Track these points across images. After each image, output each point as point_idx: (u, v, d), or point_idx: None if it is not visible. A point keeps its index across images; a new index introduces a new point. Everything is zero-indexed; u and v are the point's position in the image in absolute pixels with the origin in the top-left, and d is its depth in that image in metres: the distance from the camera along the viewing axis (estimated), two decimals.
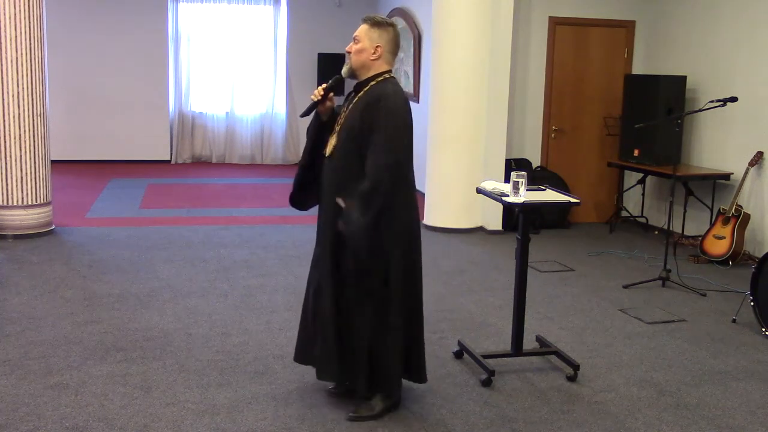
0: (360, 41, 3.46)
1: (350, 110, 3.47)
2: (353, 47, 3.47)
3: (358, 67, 3.48)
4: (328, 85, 3.52)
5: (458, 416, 3.66)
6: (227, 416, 3.57)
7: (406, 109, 3.41)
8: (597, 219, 8.40)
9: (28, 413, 3.53)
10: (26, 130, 6.66)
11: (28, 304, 5.07)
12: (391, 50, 3.49)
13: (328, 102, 3.56)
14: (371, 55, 3.45)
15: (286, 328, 4.77)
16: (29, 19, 6.58)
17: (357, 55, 3.46)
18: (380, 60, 3.46)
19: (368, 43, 3.44)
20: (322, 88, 3.51)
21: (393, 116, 3.34)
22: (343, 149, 3.44)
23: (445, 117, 7.60)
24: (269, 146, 12.10)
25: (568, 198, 4.26)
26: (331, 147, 3.50)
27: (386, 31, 3.47)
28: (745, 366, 4.44)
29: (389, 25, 3.49)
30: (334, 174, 3.47)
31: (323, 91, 3.51)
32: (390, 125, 3.33)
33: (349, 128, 3.43)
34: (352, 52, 3.48)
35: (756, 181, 6.85)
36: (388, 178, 3.31)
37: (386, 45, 3.46)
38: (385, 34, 3.46)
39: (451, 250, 6.95)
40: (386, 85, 3.43)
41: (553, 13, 8.10)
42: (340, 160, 3.45)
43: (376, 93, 3.39)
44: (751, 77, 6.93)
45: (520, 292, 4.17)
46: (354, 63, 3.49)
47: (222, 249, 6.67)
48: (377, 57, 3.45)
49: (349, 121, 3.45)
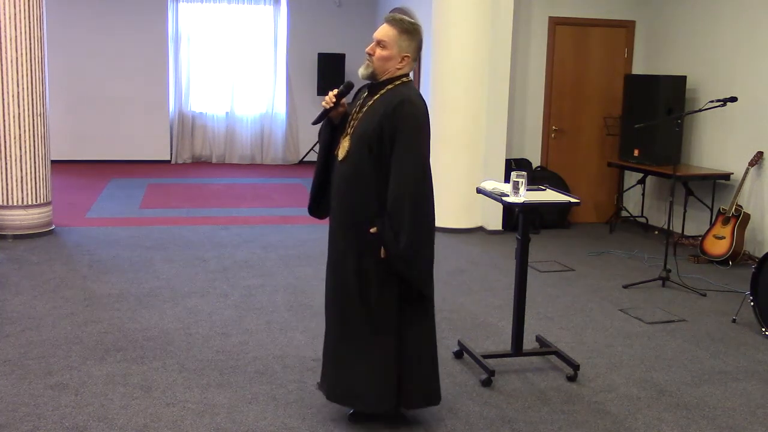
0: (387, 48, 3.28)
1: (366, 114, 3.33)
2: (378, 52, 3.30)
3: (380, 72, 3.32)
4: (339, 91, 3.39)
5: (458, 416, 3.66)
6: (227, 416, 3.57)
7: (426, 114, 3.31)
8: (597, 219, 8.40)
9: (28, 413, 3.53)
10: (26, 130, 6.66)
11: (28, 304, 5.07)
12: (416, 57, 3.37)
13: (340, 108, 3.43)
14: (398, 64, 3.30)
15: (286, 328, 4.77)
16: (29, 19, 6.58)
17: (382, 61, 3.29)
18: (404, 68, 3.34)
19: (396, 51, 3.28)
20: (333, 94, 3.37)
21: (416, 122, 3.24)
22: (357, 154, 3.30)
23: (445, 117, 7.60)
24: (269, 146, 12.10)
25: (568, 198, 4.26)
26: (344, 151, 3.35)
27: (415, 39, 3.31)
28: (745, 366, 4.44)
29: (418, 32, 3.33)
30: (346, 178, 3.34)
31: (335, 98, 3.37)
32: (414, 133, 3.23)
33: (363, 133, 3.29)
34: (376, 57, 3.30)
35: (756, 181, 6.85)
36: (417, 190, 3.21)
37: (414, 53, 3.32)
38: (414, 42, 3.31)
39: (451, 250, 6.94)
40: (403, 90, 3.29)
41: (553, 13, 8.10)
42: (352, 164, 3.32)
43: (396, 98, 3.25)
44: (751, 77, 6.93)
45: (520, 292, 4.17)
46: (377, 68, 3.31)
47: (222, 249, 6.67)
48: (403, 66, 3.33)
49: (364, 125, 3.30)
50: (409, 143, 3.22)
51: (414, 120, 3.24)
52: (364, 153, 3.28)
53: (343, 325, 3.39)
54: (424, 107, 3.32)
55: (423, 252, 3.25)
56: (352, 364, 3.39)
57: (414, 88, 3.39)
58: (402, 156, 3.21)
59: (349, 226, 3.35)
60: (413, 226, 3.19)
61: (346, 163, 3.35)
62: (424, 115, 3.29)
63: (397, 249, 3.20)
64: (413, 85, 3.41)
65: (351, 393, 3.43)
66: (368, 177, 3.28)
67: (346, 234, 3.36)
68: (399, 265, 3.25)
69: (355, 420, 3.54)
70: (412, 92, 3.32)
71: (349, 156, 3.33)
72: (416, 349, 3.40)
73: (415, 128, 3.24)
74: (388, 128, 3.22)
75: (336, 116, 3.47)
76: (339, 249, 3.40)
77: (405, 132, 3.21)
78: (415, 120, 3.24)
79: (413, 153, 3.23)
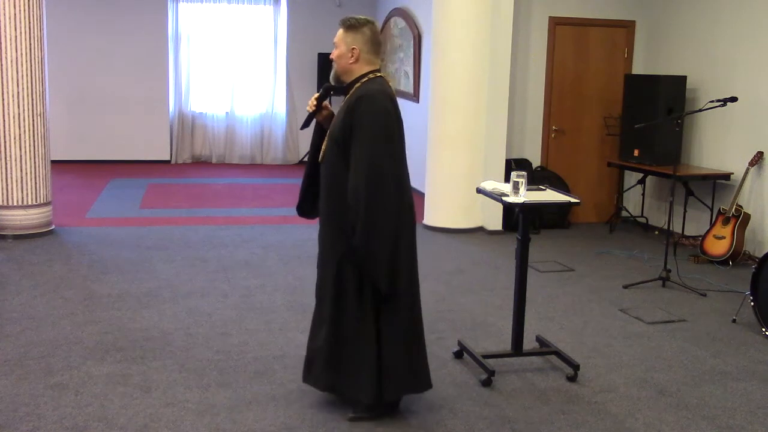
0: (338, 46, 3.44)
1: (337, 114, 3.47)
2: (334, 53, 3.46)
3: (341, 72, 3.47)
4: (320, 95, 3.54)
5: (458, 416, 3.66)
6: (227, 416, 3.57)
7: (387, 108, 3.33)
8: (597, 219, 8.40)
9: (28, 413, 3.53)
10: (26, 130, 6.66)
11: (28, 304, 5.07)
12: (369, 50, 3.44)
13: (325, 111, 3.57)
14: (349, 59, 3.42)
15: (286, 328, 4.77)
16: (29, 19, 6.58)
17: (337, 60, 3.45)
18: (360, 62, 3.42)
19: (344, 48, 3.41)
20: (314, 98, 3.52)
21: (371, 116, 3.29)
22: (330, 154, 3.43)
23: (445, 117, 7.60)
24: (269, 146, 12.10)
25: (568, 198, 4.26)
26: (322, 153, 3.50)
27: (360, 32, 3.41)
28: (745, 366, 4.44)
29: (363, 25, 3.43)
30: (324, 180, 3.47)
31: (316, 102, 3.52)
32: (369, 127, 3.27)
33: (332, 133, 3.42)
34: (334, 59, 3.46)
35: (756, 181, 6.85)
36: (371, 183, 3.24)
37: (363, 46, 3.41)
38: (360, 36, 3.41)
39: (451, 250, 6.95)
40: (369, 86, 3.39)
41: (553, 13, 8.10)
42: (328, 165, 3.44)
43: (357, 94, 3.35)
44: (751, 77, 6.93)
45: (520, 292, 4.17)
46: (338, 69, 3.48)
47: (222, 249, 6.67)
48: (355, 60, 3.41)
49: (334, 124, 3.44)
50: (365, 137, 3.28)
51: (369, 114, 3.30)
52: (336, 152, 3.38)
53: (330, 321, 3.47)
54: (386, 102, 3.35)
55: (376, 246, 3.28)
56: (339, 357, 3.47)
57: (382, 83, 3.43)
58: (357, 150, 3.29)
59: (331, 226, 3.45)
60: (366, 220, 3.24)
61: (324, 165, 3.48)
62: (381, 109, 3.32)
63: (353, 242, 3.28)
64: (383, 81, 3.46)
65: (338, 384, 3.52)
66: (341, 176, 3.36)
67: (329, 233, 3.47)
68: (355, 258, 3.32)
69: (355, 420, 3.54)
70: (377, 88, 3.38)
71: (325, 156, 3.47)
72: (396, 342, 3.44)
73: (370, 122, 3.29)
74: (349, 125, 3.31)
75: (323, 120, 3.58)
76: (324, 248, 3.52)
77: (360, 127, 3.29)
78: (370, 114, 3.30)
79: (368, 146, 3.28)
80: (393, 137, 3.35)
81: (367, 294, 3.39)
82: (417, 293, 3.55)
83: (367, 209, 3.24)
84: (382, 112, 3.33)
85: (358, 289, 3.39)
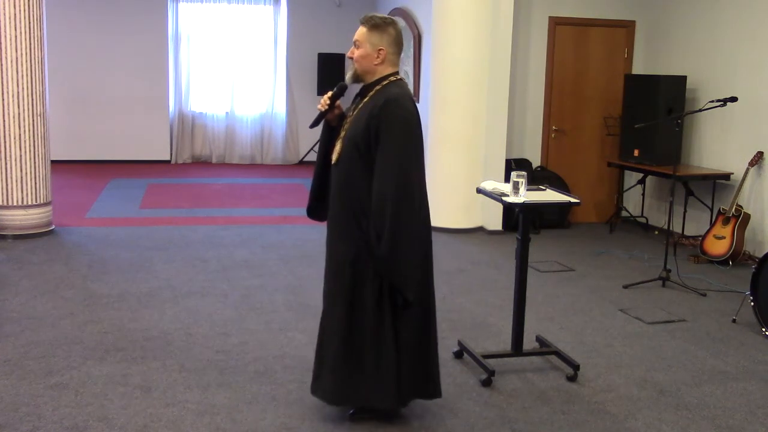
0: (361, 46, 3.31)
1: (356, 116, 3.34)
2: (355, 52, 3.33)
3: (363, 72, 3.34)
4: (333, 93, 3.41)
5: (458, 416, 3.66)
6: (227, 416, 3.57)
7: (413, 113, 3.27)
8: (597, 219, 8.40)
9: (28, 413, 3.53)
10: (26, 130, 6.66)
11: (28, 304, 5.07)
12: (395, 51, 3.35)
13: (336, 110, 3.45)
14: (375, 60, 3.30)
15: (286, 328, 4.77)
16: (29, 19, 6.58)
17: (360, 60, 3.32)
18: (385, 63, 3.33)
19: (370, 48, 3.29)
20: (327, 97, 3.39)
21: (400, 121, 3.21)
22: (347, 157, 3.31)
23: (445, 117, 7.60)
24: (269, 146, 12.10)
25: (568, 198, 4.26)
26: (336, 154, 3.37)
27: (387, 33, 3.31)
28: (745, 366, 4.44)
29: (388, 25, 3.33)
30: (339, 182, 3.36)
31: (329, 100, 3.39)
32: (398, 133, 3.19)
33: (353, 136, 3.29)
34: (355, 58, 3.33)
35: (756, 181, 6.85)
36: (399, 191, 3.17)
37: (389, 47, 3.31)
38: (386, 36, 3.31)
39: (451, 250, 6.94)
40: (392, 89, 3.29)
41: (553, 13, 8.10)
42: (343, 168, 3.33)
43: (382, 98, 3.24)
44: (752, 77, 6.93)
45: (520, 292, 4.17)
46: (358, 69, 3.34)
47: (222, 249, 6.67)
48: (381, 61, 3.32)
49: (354, 128, 3.30)
50: (393, 144, 3.19)
51: (398, 120, 3.21)
52: (354, 156, 3.28)
53: (342, 328, 3.37)
54: (412, 107, 3.29)
55: (404, 255, 3.21)
56: (353, 366, 3.37)
57: (404, 87, 3.36)
58: (385, 156, 3.19)
59: (344, 229, 3.35)
60: (393, 229, 3.16)
61: (338, 167, 3.36)
62: (410, 115, 3.25)
63: (377, 251, 3.20)
64: (404, 84, 3.39)
65: (352, 394, 3.42)
66: (359, 180, 3.27)
67: (341, 237, 3.37)
68: (380, 267, 3.25)
69: (355, 420, 3.54)
70: (401, 92, 3.29)
71: (340, 159, 3.35)
72: (411, 347, 3.39)
73: (399, 128, 3.21)
74: (374, 129, 3.21)
75: (333, 119, 3.47)
76: (336, 252, 3.40)
77: (388, 132, 3.19)
78: (399, 120, 3.21)
79: (396, 154, 3.19)
80: (420, 144, 3.29)
81: (386, 299, 3.30)
82: (434, 300, 3.51)
83: (396, 217, 3.16)
84: (411, 118, 3.26)
85: (375, 296, 3.30)
